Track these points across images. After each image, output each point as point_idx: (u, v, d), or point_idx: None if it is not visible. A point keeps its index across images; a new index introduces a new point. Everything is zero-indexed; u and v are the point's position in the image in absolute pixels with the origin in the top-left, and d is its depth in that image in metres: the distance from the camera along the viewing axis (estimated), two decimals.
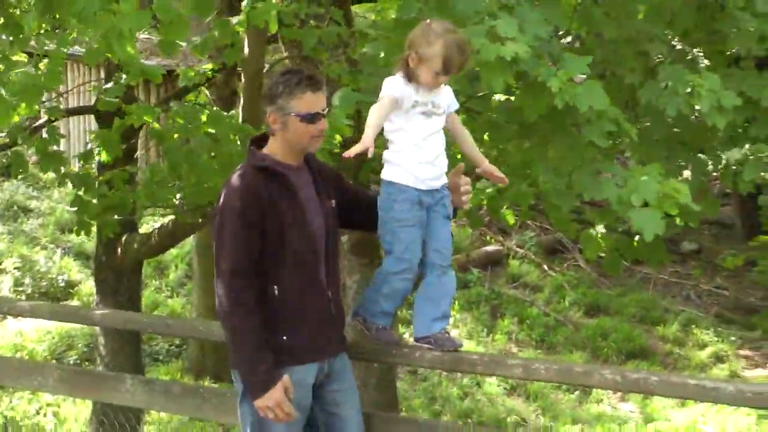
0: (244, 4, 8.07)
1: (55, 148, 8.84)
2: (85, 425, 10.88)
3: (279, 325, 4.63)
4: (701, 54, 7.72)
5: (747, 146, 7.11)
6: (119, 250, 10.24)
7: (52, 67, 7.66)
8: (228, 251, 4.61)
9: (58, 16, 7.00)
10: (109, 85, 9.01)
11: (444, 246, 4.74)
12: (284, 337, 4.63)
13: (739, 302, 18.11)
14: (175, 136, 8.25)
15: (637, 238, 6.68)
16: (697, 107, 6.36)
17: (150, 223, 15.00)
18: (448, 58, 4.53)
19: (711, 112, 6.27)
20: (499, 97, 7.03)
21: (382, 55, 6.89)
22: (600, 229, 7.97)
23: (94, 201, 8.74)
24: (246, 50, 9.11)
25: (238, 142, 7.97)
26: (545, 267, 18.88)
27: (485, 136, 7.21)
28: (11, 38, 7.47)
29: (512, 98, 6.91)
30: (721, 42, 7.54)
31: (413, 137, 4.63)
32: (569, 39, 6.92)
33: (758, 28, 6.86)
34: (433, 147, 4.68)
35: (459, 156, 5.92)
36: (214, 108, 10.01)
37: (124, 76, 8.59)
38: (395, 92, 4.56)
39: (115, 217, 8.89)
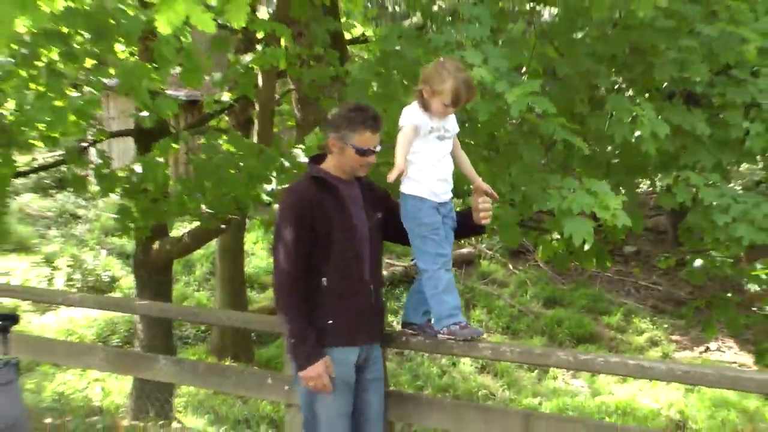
0: (258, 47, 8.11)
1: (106, 170, 8.87)
2: (126, 397, 10.86)
3: (327, 312, 4.64)
4: (634, 93, 7.76)
5: (675, 172, 7.14)
6: (154, 250, 10.24)
7: (92, 96, 7.66)
8: (285, 248, 4.60)
9: (101, 49, 7.02)
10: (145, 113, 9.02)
11: (450, 250, 4.74)
12: (330, 321, 4.64)
13: (671, 296, 18.13)
14: (203, 156, 8.26)
15: (587, 245, 6.70)
16: (637, 133, 6.39)
17: (179, 229, 14.99)
18: (457, 94, 4.55)
19: (648, 138, 6.31)
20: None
21: (373, 83, 6.91)
22: (556, 235, 7.98)
23: (134, 210, 8.76)
24: (260, 83, 9.13)
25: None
26: (510, 266, 18.89)
27: None
28: (69, 68, 7.50)
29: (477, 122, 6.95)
30: (652, 77, 7.58)
31: (430, 158, 4.64)
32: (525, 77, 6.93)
33: (681, 59, 6.90)
34: (445, 166, 4.70)
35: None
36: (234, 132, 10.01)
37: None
38: (415, 120, 4.57)
39: (151, 223, 8.92)
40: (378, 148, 4.74)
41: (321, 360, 4.58)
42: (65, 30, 6.87)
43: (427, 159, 4.63)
